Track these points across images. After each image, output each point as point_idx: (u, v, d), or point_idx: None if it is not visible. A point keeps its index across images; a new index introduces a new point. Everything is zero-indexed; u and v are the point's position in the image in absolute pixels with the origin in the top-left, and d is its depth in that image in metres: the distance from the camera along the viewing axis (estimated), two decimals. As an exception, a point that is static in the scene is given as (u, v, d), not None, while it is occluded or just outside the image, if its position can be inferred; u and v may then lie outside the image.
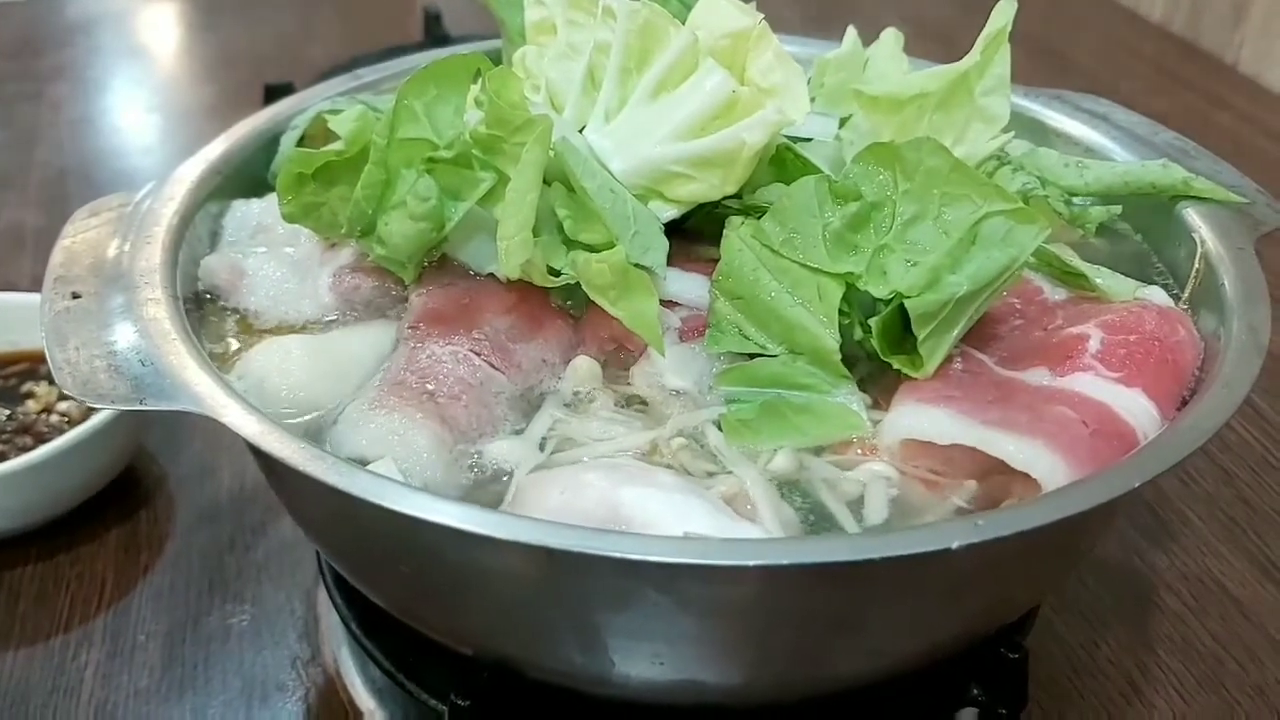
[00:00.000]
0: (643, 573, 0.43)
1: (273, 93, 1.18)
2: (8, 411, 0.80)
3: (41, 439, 0.77)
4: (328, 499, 0.47)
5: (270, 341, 0.57)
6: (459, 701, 0.55)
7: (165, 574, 0.75)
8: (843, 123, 0.67)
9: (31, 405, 0.81)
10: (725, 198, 0.58)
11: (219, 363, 0.56)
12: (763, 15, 0.59)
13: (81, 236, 0.59)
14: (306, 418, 0.54)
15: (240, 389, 0.52)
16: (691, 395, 0.55)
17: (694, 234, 0.60)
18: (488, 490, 0.51)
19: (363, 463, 0.49)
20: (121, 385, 0.49)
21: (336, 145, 0.59)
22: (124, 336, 0.52)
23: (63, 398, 0.82)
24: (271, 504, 0.80)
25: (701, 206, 0.59)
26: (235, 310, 0.61)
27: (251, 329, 0.60)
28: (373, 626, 0.62)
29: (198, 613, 0.73)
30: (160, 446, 0.84)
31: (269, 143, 0.70)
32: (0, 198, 1.18)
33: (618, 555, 0.41)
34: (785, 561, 0.41)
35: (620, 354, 0.57)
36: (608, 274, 0.52)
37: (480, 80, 0.57)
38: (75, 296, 0.55)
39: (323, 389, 0.55)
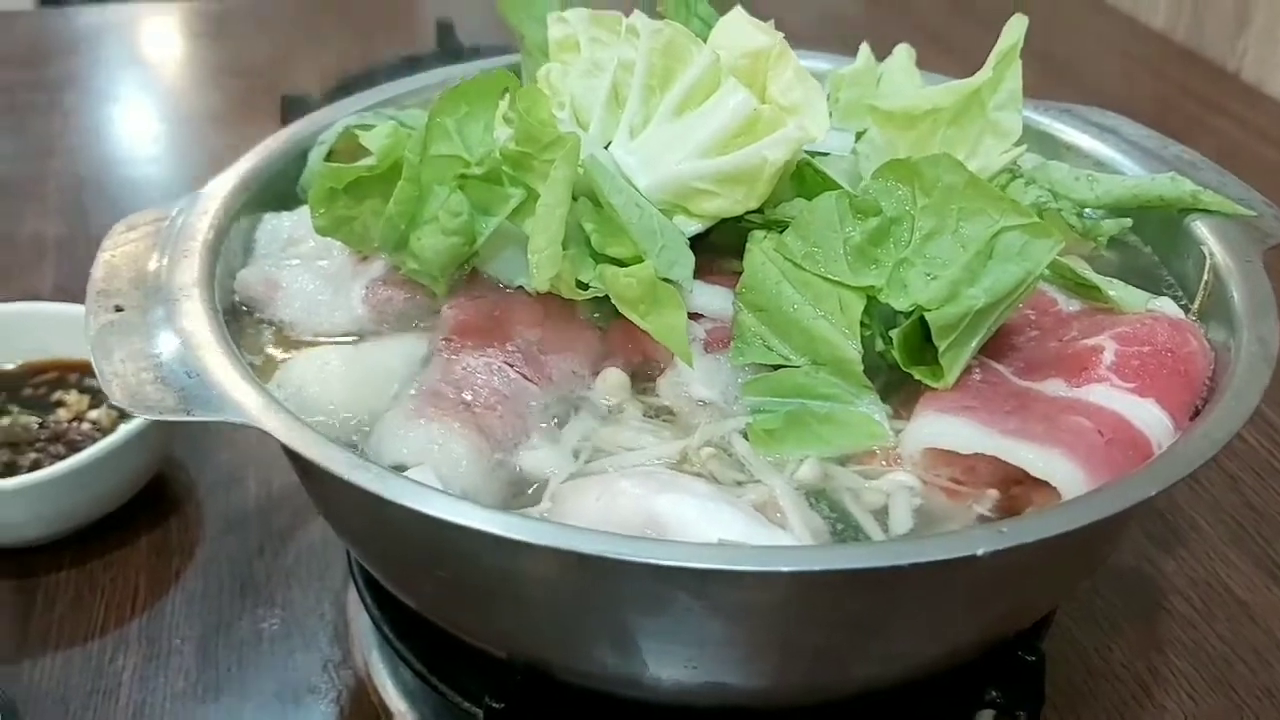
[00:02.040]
0: (678, 579, 0.44)
1: (290, 104, 1.20)
2: (39, 420, 0.82)
3: (74, 447, 0.78)
4: (369, 506, 0.49)
5: (307, 353, 0.58)
6: (494, 704, 0.57)
7: (197, 579, 0.77)
8: (858, 136, 0.69)
9: (62, 414, 0.83)
10: (747, 212, 0.60)
11: (257, 374, 0.57)
12: (783, 34, 0.61)
13: (120, 250, 0.61)
14: (343, 427, 0.56)
15: (280, 398, 0.53)
16: (718, 405, 0.56)
17: (716, 248, 0.62)
18: (524, 498, 0.52)
19: (401, 470, 0.51)
20: (169, 397, 0.51)
21: (368, 160, 0.60)
22: (168, 348, 0.54)
23: (93, 406, 0.83)
24: (299, 510, 0.82)
25: (723, 220, 0.60)
26: (271, 322, 0.62)
27: (287, 340, 0.62)
28: (404, 629, 0.64)
29: (229, 617, 0.74)
30: (188, 455, 0.85)
31: (296, 157, 0.72)
32: (20, 207, 1.20)
33: (654, 562, 0.43)
34: (819, 568, 0.42)
35: (647, 365, 0.59)
36: (636, 288, 0.54)
37: (509, 98, 0.58)
38: (118, 310, 0.56)
39: (358, 399, 0.56)
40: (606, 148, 0.61)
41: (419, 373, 0.58)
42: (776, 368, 0.57)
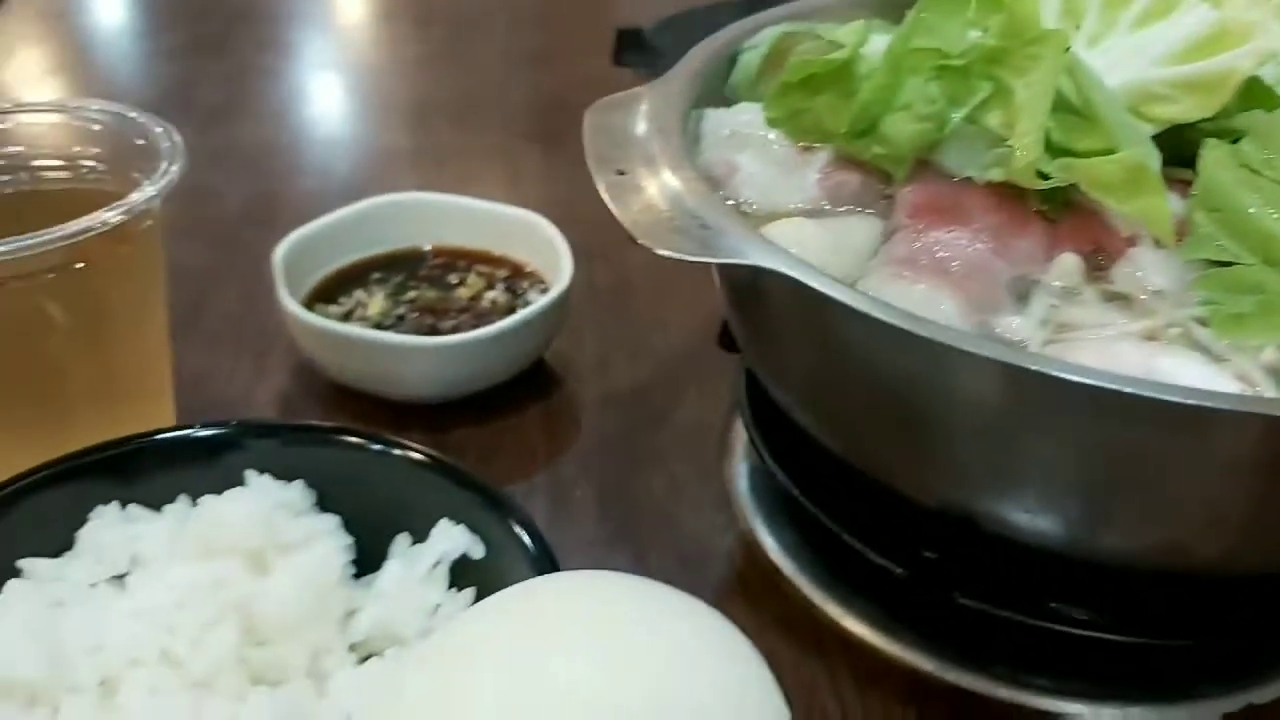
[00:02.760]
0: (1192, 426, 0.49)
1: (624, 36, 1.28)
2: (442, 296, 0.91)
3: (481, 319, 0.87)
4: (873, 341, 0.54)
5: (786, 220, 0.64)
6: (927, 554, 0.62)
7: (585, 445, 0.84)
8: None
9: (463, 292, 0.91)
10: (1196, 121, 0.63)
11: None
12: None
13: (603, 127, 0.68)
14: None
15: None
16: (1172, 295, 0.60)
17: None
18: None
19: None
20: (690, 243, 0.57)
21: (840, 54, 0.66)
22: (677, 205, 0.60)
23: (487, 288, 0.92)
24: (669, 394, 0.89)
25: (1170, 128, 0.64)
26: (732, 200, 0.68)
27: (747, 216, 0.68)
28: (808, 491, 0.70)
29: (620, 479, 0.81)
30: (562, 343, 0.92)
31: (724, 62, 0.78)
32: (372, 119, 1.31)
33: (1180, 401, 0.47)
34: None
35: (1096, 255, 0.63)
36: (1119, 173, 0.58)
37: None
38: (620, 173, 0.63)
39: (832, 264, 0.61)
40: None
41: (882, 246, 0.63)
42: (1225, 264, 0.60)
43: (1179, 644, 0.64)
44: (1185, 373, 0.51)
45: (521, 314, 0.83)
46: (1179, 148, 0.64)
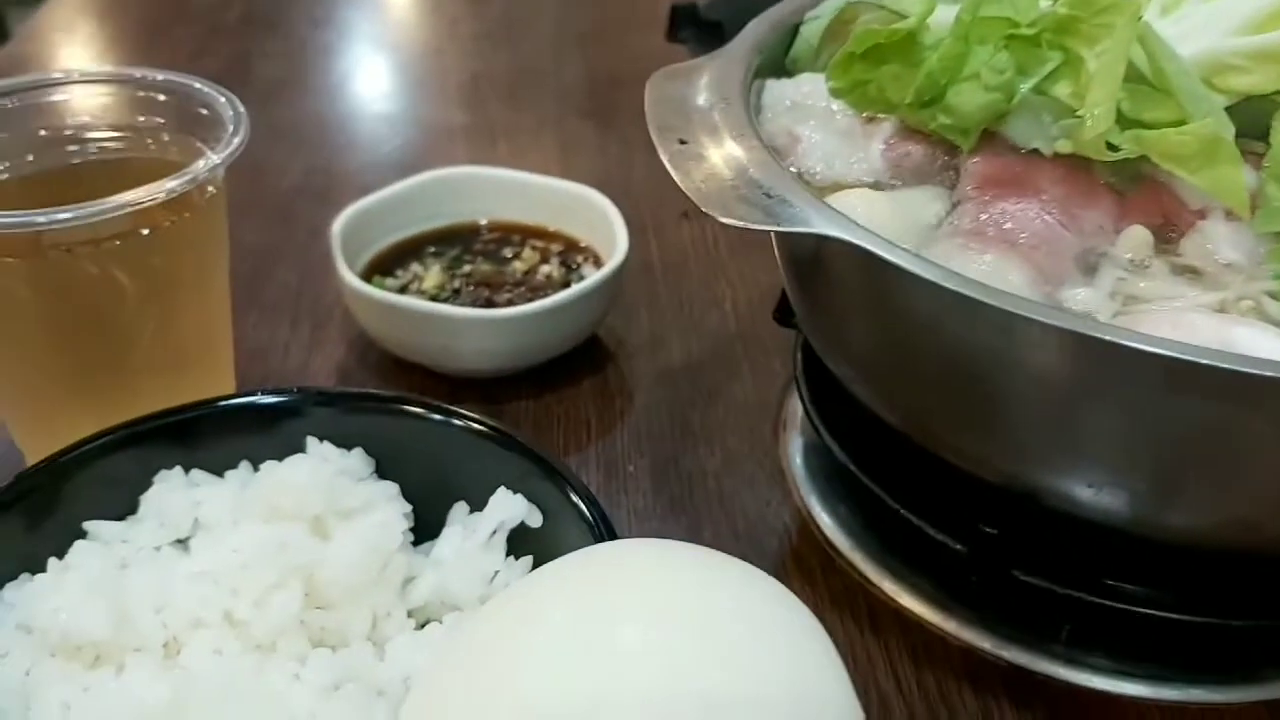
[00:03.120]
0: (1272, 398, 0.48)
1: (679, 13, 1.27)
2: (497, 269, 0.91)
3: (536, 293, 0.87)
4: (944, 309, 0.53)
5: (850, 190, 0.64)
6: (987, 529, 0.61)
7: (639, 420, 0.84)
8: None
9: (518, 265, 0.91)
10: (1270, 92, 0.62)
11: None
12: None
13: (664, 98, 0.67)
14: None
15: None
16: (1244, 268, 0.59)
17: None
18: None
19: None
20: (755, 212, 0.57)
21: (906, 23, 0.65)
22: (741, 174, 0.60)
23: (542, 262, 0.92)
24: (723, 370, 0.88)
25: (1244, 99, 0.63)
26: (795, 171, 0.68)
27: (810, 186, 0.67)
28: (867, 468, 0.69)
29: (674, 453, 0.81)
30: (615, 318, 0.92)
31: (785, 33, 0.77)
32: (425, 97, 1.31)
33: (1259, 373, 0.46)
34: None
35: (1165, 228, 0.62)
36: (1193, 144, 0.57)
37: (1052, -30, 0.62)
38: (682, 142, 0.63)
39: (894, 234, 0.61)
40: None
41: (948, 217, 0.62)
42: (1301, 239, 0.59)
43: (1243, 624, 0.63)
44: (1263, 344, 0.50)
45: (577, 288, 0.83)
46: (1252, 120, 0.63)
